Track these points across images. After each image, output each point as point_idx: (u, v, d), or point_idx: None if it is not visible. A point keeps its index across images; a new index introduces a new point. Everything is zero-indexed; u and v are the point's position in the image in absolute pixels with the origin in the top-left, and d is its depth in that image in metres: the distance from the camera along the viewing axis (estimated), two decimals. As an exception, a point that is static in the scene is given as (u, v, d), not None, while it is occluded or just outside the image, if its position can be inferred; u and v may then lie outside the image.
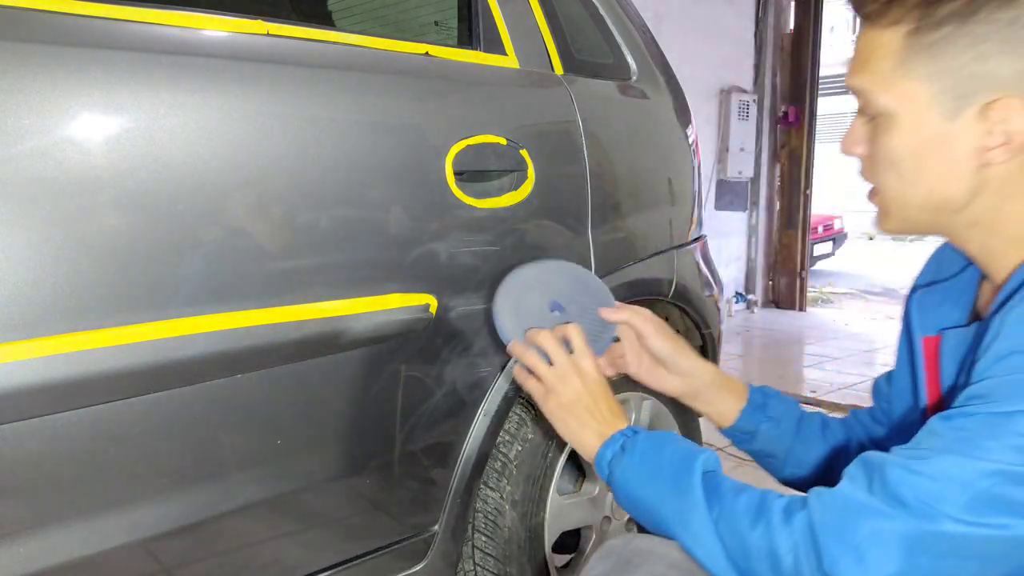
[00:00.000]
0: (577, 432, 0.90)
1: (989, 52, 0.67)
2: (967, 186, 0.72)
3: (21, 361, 0.80)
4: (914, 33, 0.70)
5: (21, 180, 0.80)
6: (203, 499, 0.99)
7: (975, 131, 0.69)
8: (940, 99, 0.70)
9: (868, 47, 0.74)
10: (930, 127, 0.71)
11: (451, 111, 1.21)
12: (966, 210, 0.73)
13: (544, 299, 1.05)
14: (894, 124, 0.73)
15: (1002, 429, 0.63)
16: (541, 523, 1.39)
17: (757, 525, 0.70)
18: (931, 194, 0.74)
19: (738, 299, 6.04)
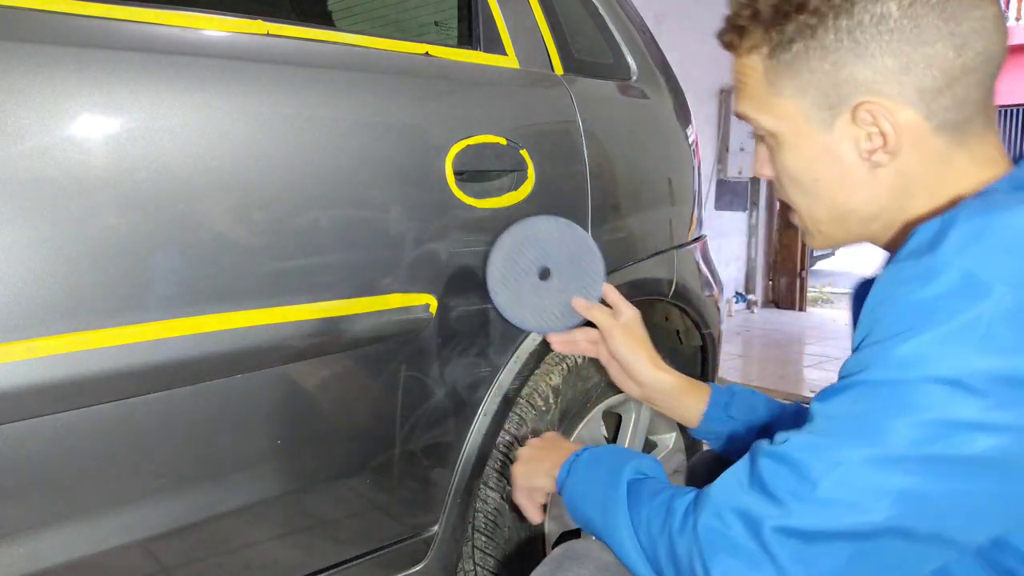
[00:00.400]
0: (536, 481, 0.98)
1: (842, 60, 0.68)
2: (867, 192, 0.72)
3: (21, 361, 0.80)
4: (771, 55, 0.72)
5: (21, 180, 0.80)
6: (203, 499, 0.99)
7: (852, 136, 0.71)
8: (813, 112, 0.72)
9: (741, 74, 0.77)
10: (812, 140, 0.73)
11: (451, 111, 1.21)
12: (878, 216, 0.74)
13: (536, 260, 1.09)
14: (782, 143, 0.75)
15: (864, 408, 0.62)
16: (541, 523, 1.38)
17: (664, 529, 0.72)
18: (836, 205, 0.75)
19: (738, 299, 6.04)
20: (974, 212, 0.61)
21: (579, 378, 1.43)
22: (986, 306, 0.58)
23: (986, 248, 0.59)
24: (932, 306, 0.60)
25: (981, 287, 0.58)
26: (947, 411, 0.59)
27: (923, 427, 0.59)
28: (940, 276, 0.60)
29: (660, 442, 1.67)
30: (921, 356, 0.60)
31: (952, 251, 0.60)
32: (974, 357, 0.58)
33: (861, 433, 0.62)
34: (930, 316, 0.60)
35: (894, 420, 0.60)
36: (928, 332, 0.59)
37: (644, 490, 0.78)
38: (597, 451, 0.89)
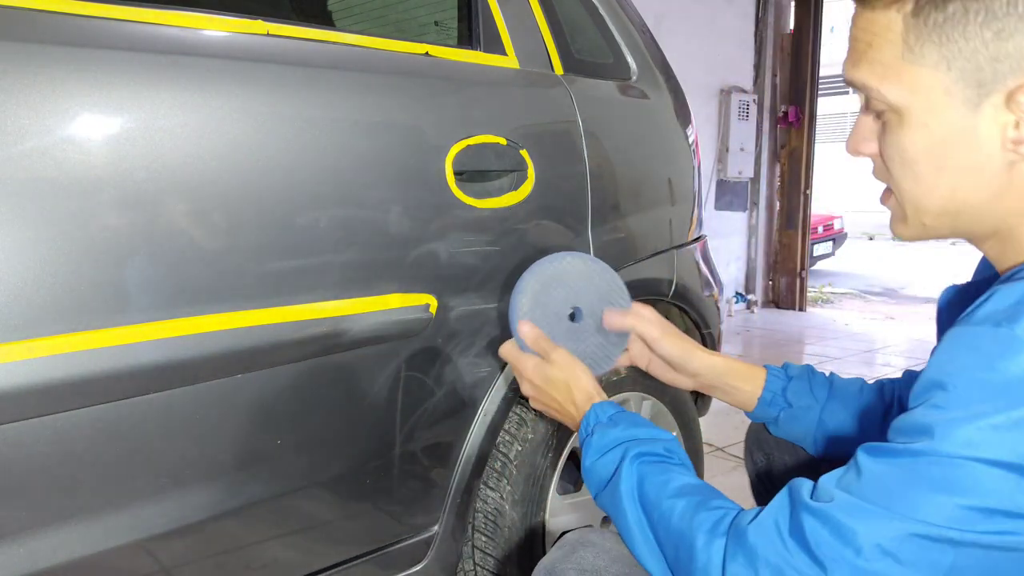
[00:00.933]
0: (568, 425, 0.96)
1: (1009, 29, 0.59)
2: (994, 187, 0.64)
3: (21, 361, 0.80)
4: (917, 13, 0.62)
5: (21, 180, 0.80)
6: (203, 499, 0.99)
7: (1001, 122, 0.61)
8: (957, 88, 0.62)
9: (866, 34, 0.66)
10: (948, 121, 0.63)
11: (451, 111, 1.21)
12: (997, 220, 0.66)
13: (567, 300, 1.01)
14: (906, 120, 0.65)
15: (916, 479, 0.59)
16: (541, 523, 1.39)
17: (685, 538, 0.70)
18: (953, 198, 0.66)
19: (738, 299, 6.04)
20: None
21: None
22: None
23: None
24: (1006, 388, 0.56)
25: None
26: (1004, 498, 0.56)
27: (977, 511, 0.57)
28: (1019, 355, 0.55)
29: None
30: (986, 440, 0.56)
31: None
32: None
33: (913, 505, 0.59)
34: (1002, 398, 0.56)
35: (948, 498, 0.57)
36: (998, 416, 0.56)
37: (668, 487, 0.75)
38: (598, 447, 0.85)
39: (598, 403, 0.89)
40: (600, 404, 0.89)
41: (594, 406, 0.89)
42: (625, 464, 0.80)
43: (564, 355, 0.94)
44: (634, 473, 0.79)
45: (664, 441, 0.83)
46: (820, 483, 0.65)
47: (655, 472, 0.78)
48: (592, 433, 0.86)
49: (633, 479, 0.79)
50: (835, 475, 0.65)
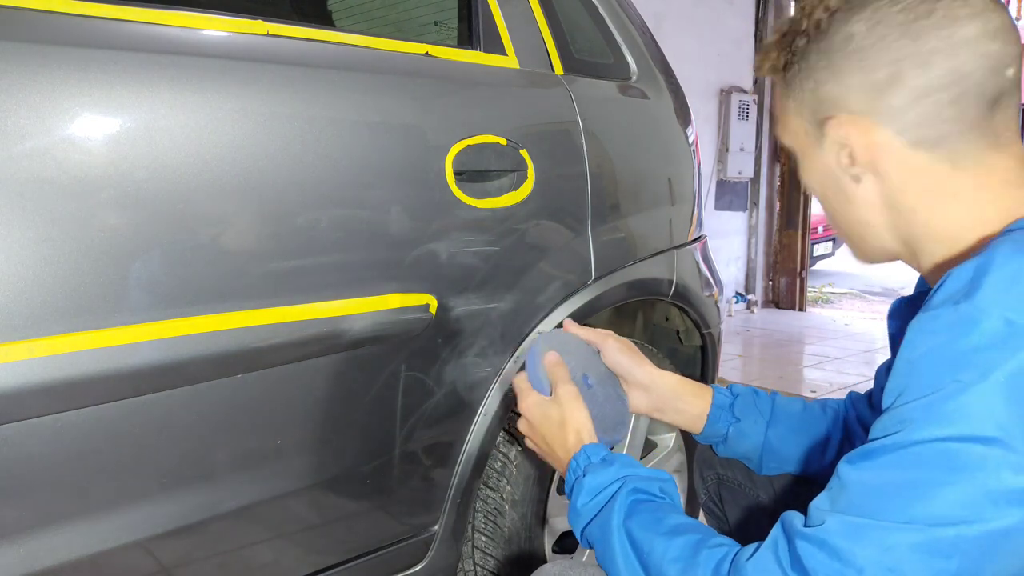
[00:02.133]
0: (547, 459, 0.96)
1: (821, 79, 0.72)
2: (863, 208, 0.74)
3: (21, 361, 0.80)
4: (782, 75, 0.76)
5: (21, 180, 0.80)
6: (204, 499, 0.99)
7: (834, 152, 0.73)
8: (809, 129, 0.75)
9: (774, 98, 0.82)
10: (813, 157, 0.76)
11: (451, 111, 1.21)
12: (889, 234, 0.74)
13: (578, 368, 0.99)
14: (798, 160, 0.79)
15: (900, 478, 0.59)
16: (541, 523, 1.39)
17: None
18: (847, 221, 0.77)
19: (738, 299, 6.04)
20: (1009, 254, 0.59)
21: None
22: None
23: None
24: (974, 358, 0.57)
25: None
26: (992, 478, 0.56)
27: (971, 503, 0.56)
28: (980, 325, 0.57)
29: (660, 442, 1.67)
30: (965, 413, 0.56)
31: (990, 298, 0.57)
32: (1021, 412, 0.55)
33: (906, 512, 0.58)
34: (972, 369, 0.57)
35: (939, 492, 0.57)
36: (972, 387, 0.56)
37: (662, 525, 0.75)
38: (588, 490, 0.83)
39: (589, 444, 0.87)
40: (591, 445, 0.87)
41: (584, 448, 0.87)
42: (619, 497, 0.79)
43: (570, 392, 0.91)
44: (626, 508, 0.78)
45: (660, 481, 0.82)
46: (811, 508, 0.64)
47: (649, 509, 0.77)
48: (584, 474, 0.84)
49: (624, 514, 0.77)
50: (823, 496, 0.64)
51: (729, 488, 1.12)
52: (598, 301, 1.40)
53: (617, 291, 1.45)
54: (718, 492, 1.14)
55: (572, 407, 0.90)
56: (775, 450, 1.00)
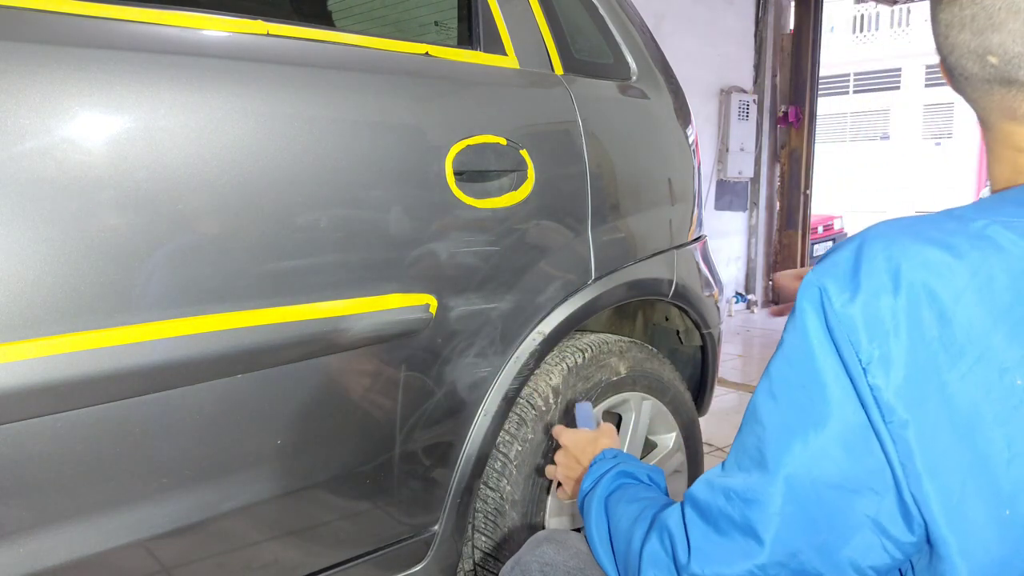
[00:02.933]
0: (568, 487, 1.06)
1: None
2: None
3: (21, 361, 0.80)
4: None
5: (21, 180, 0.80)
6: (203, 499, 0.99)
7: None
8: None
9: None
10: None
11: (451, 111, 1.21)
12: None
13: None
14: None
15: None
16: (541, 523, 1.39)
17: (631, 543, 0.77)
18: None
19: (738, 299, 6.04)
20: (874, 235, 0.62)
21: (579, 378, 1.43)
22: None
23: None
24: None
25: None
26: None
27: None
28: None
29: (660, 442, 1.67)
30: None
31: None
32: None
33: (748, 457, 0.69)
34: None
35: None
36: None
37: (623, 499, 0.85)
38: (606, 462, 0.95)
39: (608, 448, 0.99)
40: (609, 449, 0.99)
41: (603, 451, 0.99)
42: (607, 477, 0.90)
43: (610, 428, 1.06)
44: (610, 485, 0.89)
45: (650, 470, 0.92)
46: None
47: (627, 486, 0.88)
48: (594, 463, 0.96)
49: (607, 489, 0.88)
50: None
51: None
52: (598, 301, 1.41)
53: (617, 291, 1.45)
54: None
55: (608, 434, 1.04)
56: None
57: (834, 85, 19.77)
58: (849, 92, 19.85)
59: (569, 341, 1.48)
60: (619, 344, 1.54)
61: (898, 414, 0.58)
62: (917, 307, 0.58)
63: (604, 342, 1.51)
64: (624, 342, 1.56)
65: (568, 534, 0.92)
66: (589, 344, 1.49)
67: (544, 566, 0.87)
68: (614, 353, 1.50)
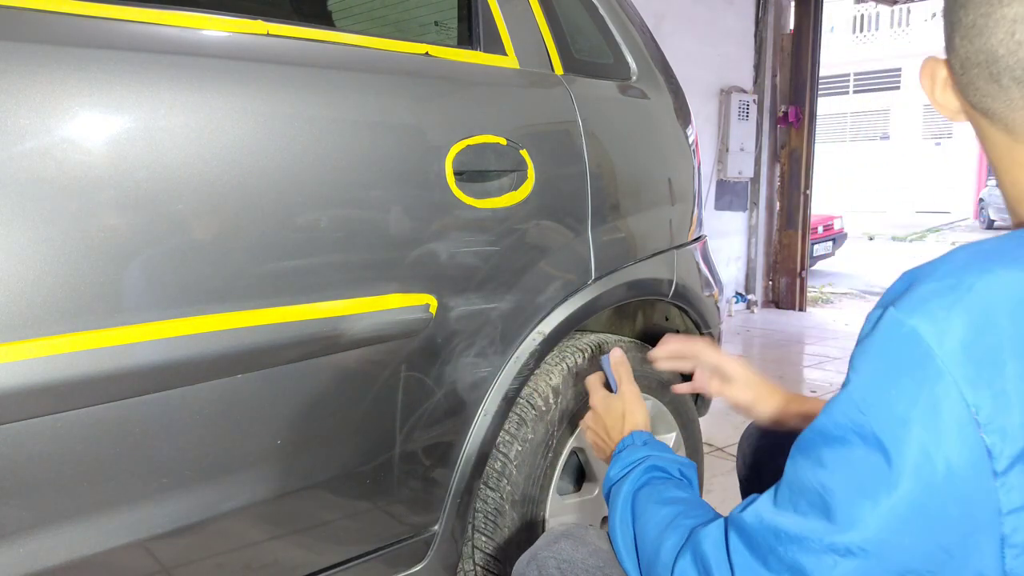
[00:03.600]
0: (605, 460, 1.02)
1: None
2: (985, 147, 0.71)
3: (21, 361, 0.80)
4: None
5: (21, 180, 0.80)
6: (203, 499, 0.99)
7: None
8: None
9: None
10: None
11: (451, 111, 1.21)
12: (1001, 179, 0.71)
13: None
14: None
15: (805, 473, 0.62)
16: (541, 523, 1.39)
17: (659, 552, 0.75)
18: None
19: (738, 299, 6.04)
20: (952, 267, 0.58)
21: (579, 378, 1.43)
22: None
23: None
24: (869, 359, 0.60)
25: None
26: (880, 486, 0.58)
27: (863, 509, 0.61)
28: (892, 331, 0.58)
29: (660, 442, 1.67)
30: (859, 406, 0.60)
31: (909, 307, 0.57)
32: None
33: (805, 514, 0.63)
34: (863, 372, 0.60)
35: (834, 497, 0.61)
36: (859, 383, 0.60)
37: (653, 499, 0.82)
38: (637, 449, 0.93)
39: (639, 430, 0.98)
40: (640, 431, 0.97)
41: (633, 432, 0.97)
42: (636, 471, 0.87)
43: (633, 391, 1.03)
44: (639, 481, 0.86)
45: (680, 464, 0.89)
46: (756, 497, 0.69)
47: (657, 482, 0.85)
48: (623, 450, 0.94)
49: (635, 485, 0.86)
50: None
51: (766, 473, 1.16)
52: (598, 301, 1.41)
53: (617, 291, 1.45)
54: (756, 467, 1.19)
55: (633, 403, 1.02)
56: None
57: (834, 85, 19.75)
58: (849, 92, 19.85)
59: (569, 341, 1.49)
60: (619, 344, 1.54)
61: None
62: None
63: (604, 342, 1.52)
64: (624, 342, 1.56)
65: (586, 530, 0.90)
66: (589, 344, 1.49)
67: (562, 563, 0.84)
68: (614, 353, 1.50)
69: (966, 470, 0.54)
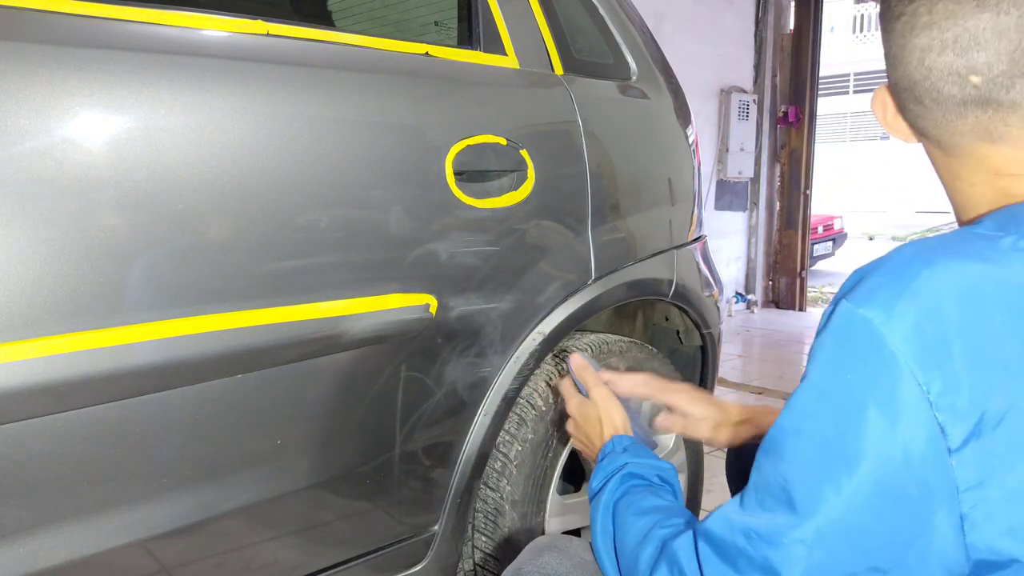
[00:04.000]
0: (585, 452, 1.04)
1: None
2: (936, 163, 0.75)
3: (21, 361, 0.80)
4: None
5: (21, 180, 0.80)
6: (203, 499, 0.99)
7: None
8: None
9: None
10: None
11: (451, 111, 1.21)
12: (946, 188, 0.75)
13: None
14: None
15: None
16: (541, 523, 1.39)
17: (637, 564, 0.75)
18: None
19: (738, 299, 6.04)
20: (898, 263, 0.61)
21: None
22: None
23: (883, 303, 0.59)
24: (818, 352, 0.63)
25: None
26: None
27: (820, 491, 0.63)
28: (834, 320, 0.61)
29: (660, 442, 1.67)
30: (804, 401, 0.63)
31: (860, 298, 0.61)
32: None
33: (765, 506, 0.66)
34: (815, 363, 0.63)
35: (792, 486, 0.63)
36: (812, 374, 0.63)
37: (632, 508, 0.82)
38: (617, 457, 0.92)
39: (618, 435, 0.97)
40: (619, 436, 0.97)
41: (613, 438, 0.97)
42: (613, 480, 0.88)
43: (604, 394, 1.03)
44: (617, 490, 0.86)
45: (658, 469, 0.90)
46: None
47: (636, 491, 0.85)
48: (604, 458, 0.94)
49: (614, 495, 0.86)
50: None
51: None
52: (598, 301, 1.41)
53: (617, 291, 1.45)
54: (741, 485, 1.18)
55: (608, 407, 1.01)
56: None
57: (834, 85, 19.74)
58: (849, 92, 19.84)
59: (569, 341, 1.49)
60: (619, 344, 1.54)
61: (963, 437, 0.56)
62: (974, 323, 0.57)
63: (604, 342, 1.52)
64: (624, 342, 1.56)
65: (571, 541, 0.89)
66: (589, 344, 1.49)
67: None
68: (614, 353, 1.50)
69: (922, 449, 0.57)
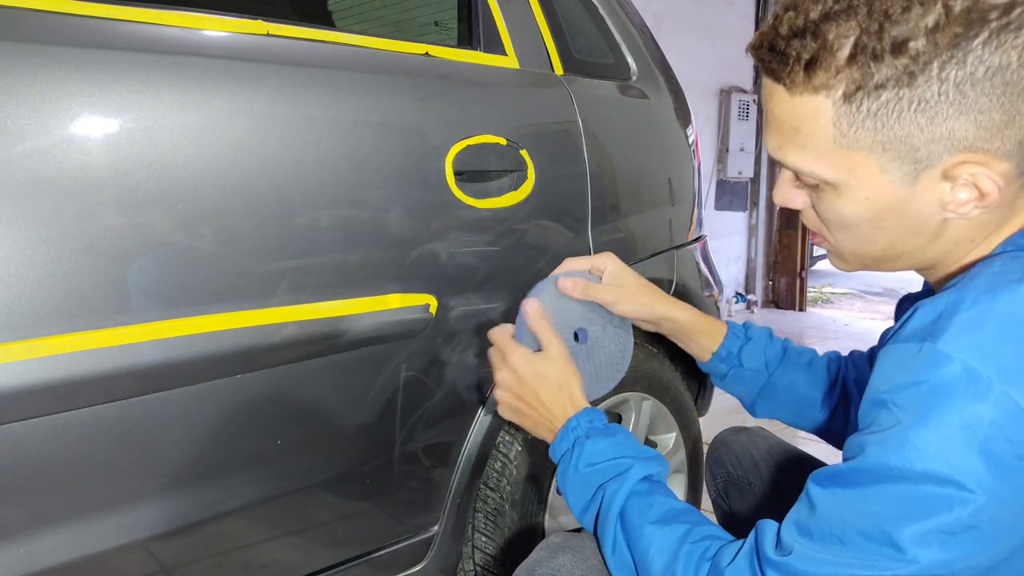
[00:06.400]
0: (535, 432, 0.90)
1: (943, 114, 0.61)
2: (933, 239, 0.69)
3: (21, 361, 0.80)
4: (848, 100, 0.62)
5: (21, 180, 0.80)
6: (203, 499, 0.99)
7: (939, 191, 0.65)
8: (894, 166, 0.64)
9: (792, 117, 0.66)
10: (886, 194, 0.66)
11: (451, 111, 1.21)
12: (922, 256, 0.71)
13: (564, 327, 0.95)
14: (844, 193, 0.68)
15: (870, 513, 0.61)
16: (541, 523, 1.39)
17: (667, 570, 0.72)
18: (891, 247, 0.70)
19: (738, 299, 6.04)
20: (980, 295, 0.59)
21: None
22: (986, 407, 0.57)
23: (987, 338, 0.58)
24: (933, 400, 0.58)
25: (982, 385, 0.57)
26: (944, 516, 0.58)
27: (925, 538, 0.59)
28: (941, 368, 0.58)
29: (660, 442, 1.67)
30: (921, 452, 0.59)
31: (954, 341, 0.58)
32: (973, 458, 0.57)
33: (866, 550, 0.61)
34: (932, 409, 0.58)
35: (896, 530, 0.60)
36: (929, 426, 0.58)
37: (650, 514, 0.76)
38: (592, 453, 0.82)
39: (588, 409, 0.86)
40: (590, 410, 0.86)
41: (586, 410, 0.86)
42: (625, 484, 0.79)
43: (563, 352, 0.88)
44: (625, 495, 0.78)
45: (660, 463, 0.83)
46: (781, 531, 0.67)
47: (643, 493, 0.79)
48: (588, 437, 0.83)
49: (621, 504, 0.78)
50: (793, 514, 0.67)
51: (737, 486, 1.16)
52: (598, 301, 1.40)
53: (617, 291, 1.45)
54: (726, 489, 1.18)
55: (569, 368, 0.87)
56: (770, 398, 1.03)
57: (834, 85, 19.74)
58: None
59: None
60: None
61: None
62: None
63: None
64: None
65: (584, 541, 0.84)
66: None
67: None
68: (614, 353, 1.50)
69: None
